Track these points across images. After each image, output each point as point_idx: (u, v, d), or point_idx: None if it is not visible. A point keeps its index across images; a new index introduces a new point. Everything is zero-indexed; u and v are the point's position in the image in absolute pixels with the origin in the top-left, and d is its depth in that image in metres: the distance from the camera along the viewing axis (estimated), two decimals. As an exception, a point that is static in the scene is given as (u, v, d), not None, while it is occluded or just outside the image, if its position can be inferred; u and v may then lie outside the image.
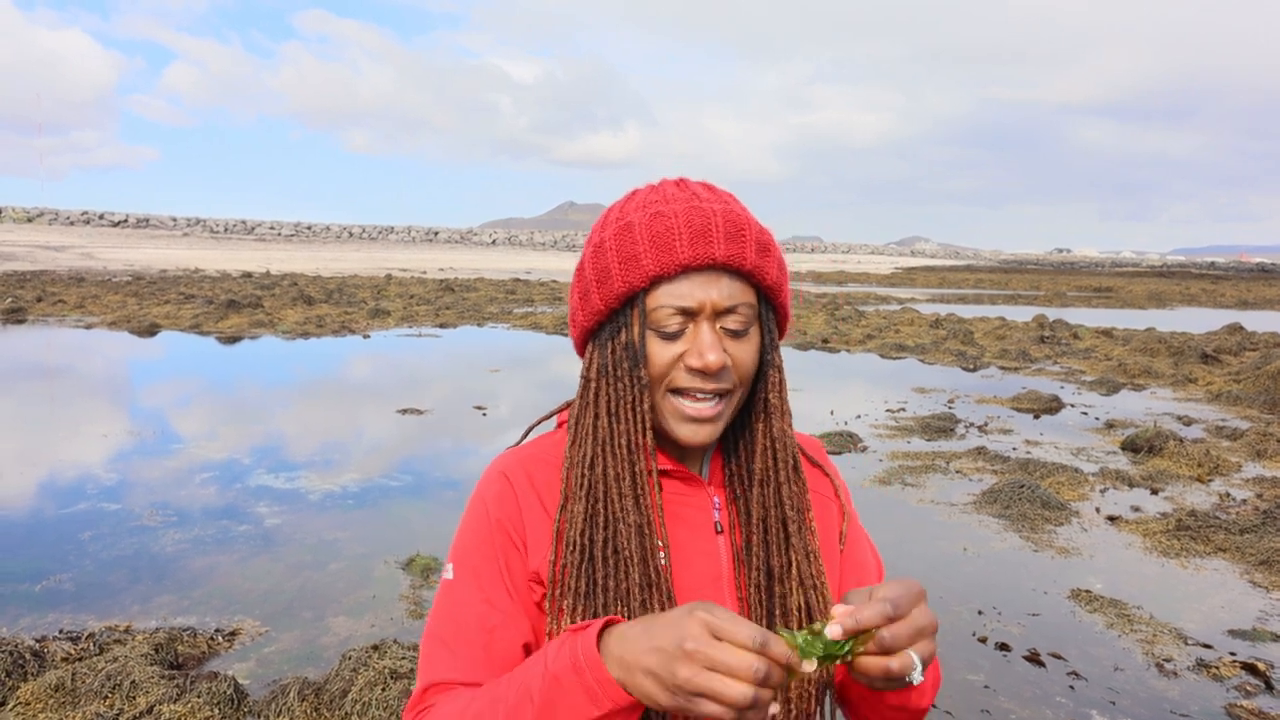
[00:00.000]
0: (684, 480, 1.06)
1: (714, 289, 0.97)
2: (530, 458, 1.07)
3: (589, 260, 1.02)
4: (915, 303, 28.67)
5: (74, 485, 6.09)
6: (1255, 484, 6.81)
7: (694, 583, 1.02)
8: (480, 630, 0.98)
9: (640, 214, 1.00)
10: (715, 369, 0.96)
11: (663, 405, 1.00)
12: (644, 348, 0.99)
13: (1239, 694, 3.62)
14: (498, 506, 1.03)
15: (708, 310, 0.97)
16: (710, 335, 0.96)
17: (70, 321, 16.28)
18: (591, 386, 1.02)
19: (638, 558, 0.97)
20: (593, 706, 0.80)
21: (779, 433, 1.05)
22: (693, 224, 0.96)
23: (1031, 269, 76.34)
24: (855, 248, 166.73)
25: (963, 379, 12.26)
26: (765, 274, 1.00)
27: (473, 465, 7.02)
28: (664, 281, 0.97)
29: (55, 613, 4.07)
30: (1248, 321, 20.53)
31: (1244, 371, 12.06)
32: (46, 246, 46.47)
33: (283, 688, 3.28)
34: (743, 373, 1.00)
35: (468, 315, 19.40)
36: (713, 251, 0.96)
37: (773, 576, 1.03)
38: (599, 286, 1.01)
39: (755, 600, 1.03)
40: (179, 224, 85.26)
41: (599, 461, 1.00)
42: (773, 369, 1.04)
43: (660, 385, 0.99)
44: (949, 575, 4.87)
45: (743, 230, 0.98)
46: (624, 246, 0.98)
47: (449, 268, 44.19)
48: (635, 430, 0.99)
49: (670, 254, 0.96)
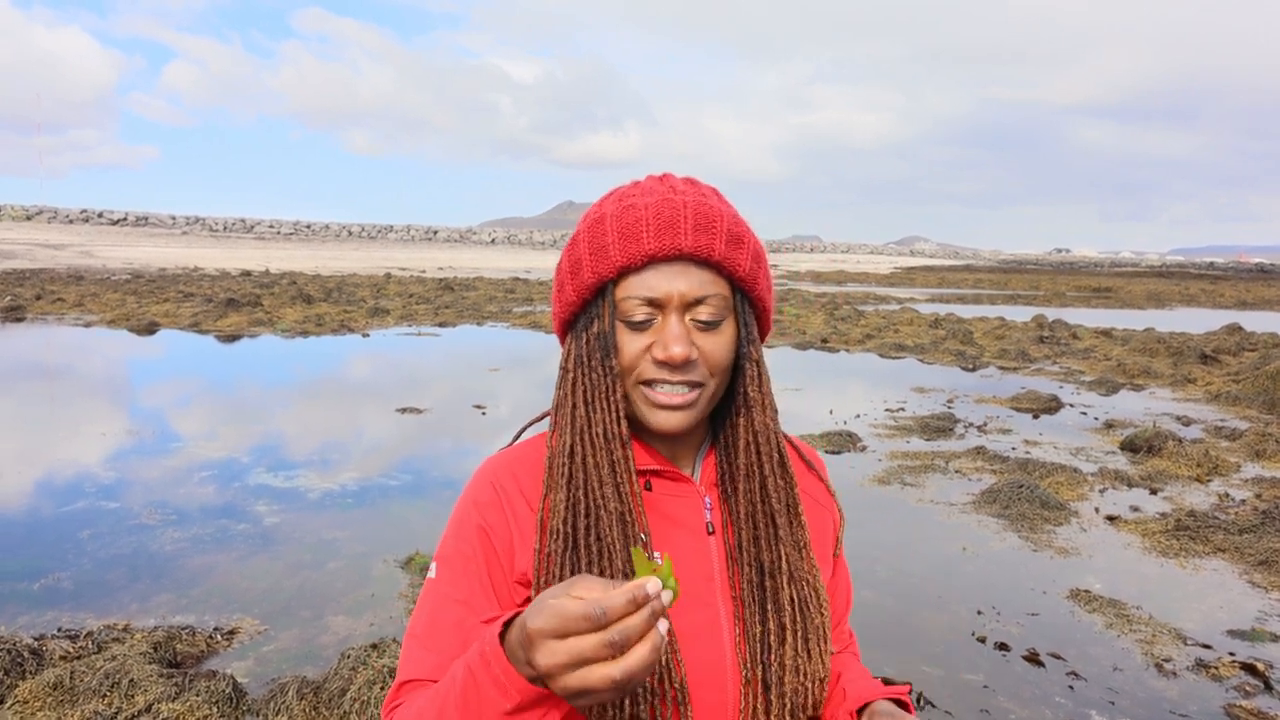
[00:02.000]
0: (674, 480, 1.05)
1: (681, 280, 0.96)
2: (517, 459, 1.07)
3: (565, 253, 1.04)
4: (914, 303, 28.68)
5: (73, 484, 6.08)
6: (1254, 484, 6.81)
7: (685, 582, 1.00)
8: (455, 629, 0.98)
9: (614, 207, 1.00)
10: (679, 360, 0.95)
11: (634, 396, 1.00)
12: (614, 338, 0.99)
13: (1238, 694, 3.62)
14: (482, 511, 1.03)
15: (675, 301, 0.97)
16: (677, 327, 0.96)
17: (69, 320, 16.27)
18: (569, 377, 1.03)
19: (620, 545, 0.96)
20: (503, 698, 0.79)
21: (761, 426, 1.04)
22: (661, 215, 0.96)
23: (1031, 269, 76.35)
24: (855, 247, 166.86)
25: (962, 379, 12.27)
26: (736, 265, 0.99)
27: (472, 464, 7.00)
28: (631, 272, 0.98)
29: (54, 611, 4.07)
30: (1247, 322, 20.53)
31: (1243, 372, 12.07)
32: (45, 244, 46.45)
33: (281, 686, 3.28)
34: (714, 365, 0.99)
35: (467, 314, 19.39)
36: (679, 242, 0.96)
37: (764, 571, 1.02)
38: (572, 278, 1.02)
39: (749, 597, 1.02)
40: (178, 222, 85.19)
41: (578, 450, 1.00)
42: (750, 362, 1.03)
43: (630, 376, 0.99)
44: (948, 575, 4.87)
45: (713, 221, 0.97)
46: (595, 238, 0.99)
47: (448, 267, 44.17)
48: (610, 419, 0.99)
49: (637, 244, 0.96)
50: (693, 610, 1.00)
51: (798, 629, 1.01)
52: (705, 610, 1.01)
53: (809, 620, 1.02)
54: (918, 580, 4.78)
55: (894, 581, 4.74)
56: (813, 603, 1.03)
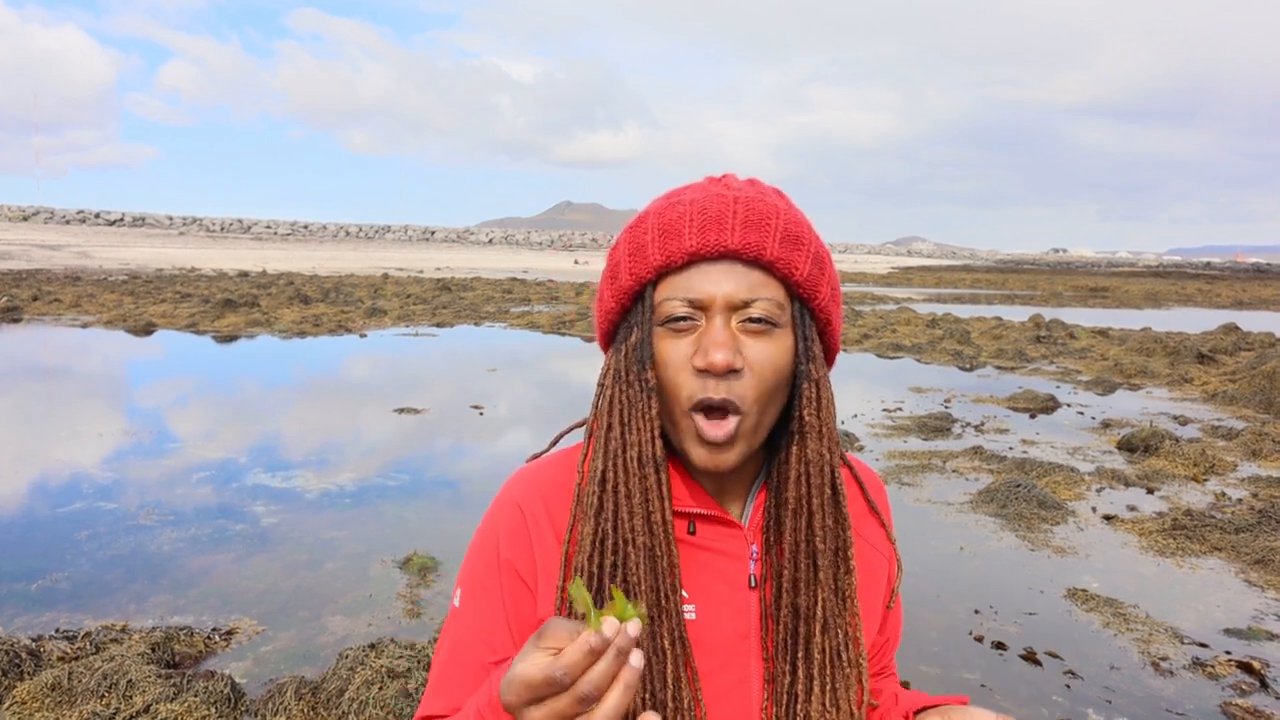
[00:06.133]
0: (720, 524, 0.95)
1: (728, 281, 0.86)
2: (548, 481, 0.98)
3: (608, 259, 0.95)
4: (912, 302, 28.70)
5: (70, 485, 6.08)
6: (1250, 483, 6.83)
7: (719, 641, 0.94)
8: (478, 670, 0.95)
9: (658, 205, 0.92)
10: (721, 368, 0.84)
11: (682, 424, 0.89)
12: (651, 347, 0.88)
13: (1234, 692, 3.63)
14: (509, 545, 0.95)
15: (719, 304, 0.86)
16: (722, 332, 0.85)
17: (66, 320, 16.24)
18: (606, 394, 0.93)
19: (647, 585, 0.88)
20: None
21: (814, 455, 0.92)
22: (707, 211, 0.87)
23: (1028, 269, 76.43)
24: (853, 247, 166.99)
25: (959, 378, 12.28)
26: (794, 268, 0.87)
27: (469, 464, 7.01)
28: (671, 273, 0.88)
29: (51, 612, 4.07)
30: (1243, 321, 20.58)
31: (1239, 371, 12.09)
32: (42, 245, 46.39)
33: (280, 687, 3.28)
34: (763, 377, 0.87)
35: (464, 314, 19.39)
36: (724, 239, 0.86)
37: (799, 616, 0.93)
38: (610, 283, 0.93)
39: (781, 650, 0.94)
40: (175, 223, 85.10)
41: (609, 477, 0.90)
42: (808, 382, 0.91)
43: (677, 399, 0.88)
44: (945, 574, 4.88)
45: (765, 218, 0.87)
46: (635, 239, 0.90)
47: (446, 267, 44.16)
48: (645, 440, 0.89)
49: (677, 241, 0.87)
50: (723, 670, 0.94)
51: (826, 681, 0.93)
52: (736, 670, 0.95)
53: (839, 671, 0.94)
54: (915, 580, 4.78)
55: (891, 581, 4.75)
56: (846, 654, 0.94)
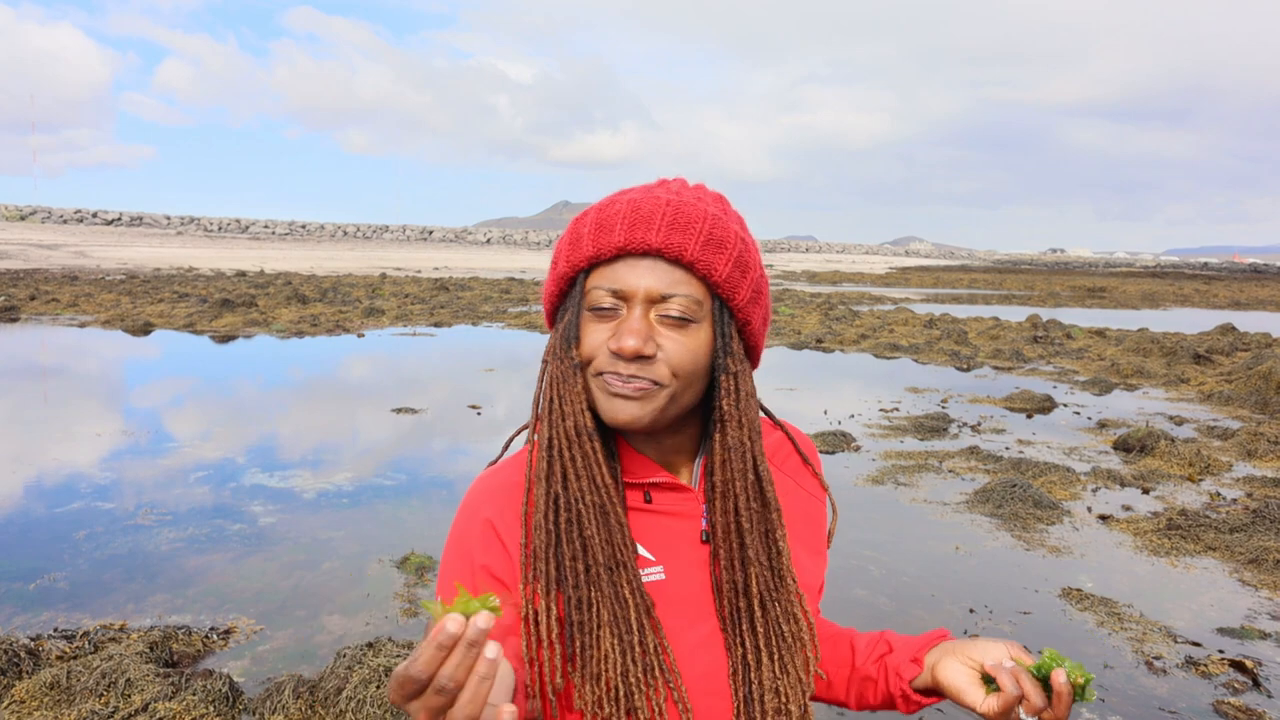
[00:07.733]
0: (673, 489, 1.05)
1: (649, 276, 0.96)
2: (507, 485, 1.04)
3: (555, 247, 1.06)
4: (909, 303, 28.73)
5: (68, 484, 6.09)
6: (1245, 483, 6.85)
7: (687, 595, 1.02)
8: None
9: (603, 201, 1.02)
10: (629, 353, 0.94)
11: (592, 385, 0.99)
12: (578, 329, 0.99)
13: (1227, 691, 3.65)
14: (482, 550, 1.00)
15: (640, 296, 0.96)
16: (638, 321, 0.95)
17: (64, 320, 16.23)
18: (546, 369, 1.03)
19: (601, 538, 0.96)
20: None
21: (735, 442, 1.01)
22: (638, 210, 0.97)
23: (1025, 269, 76.53)
24: (850, 248, 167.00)
25: (956, 379, 12.31)
26: (713, 269, 0.97)
27: (467, 465, 7.02)
28: (602, 264, 0.98)
29: (50, 611, 4.08)
30: (1240, 322, 20.63)
31: (1236, 372, 12.13)
32: (39, 245, 46.31)
33: (277, 685, 3.30)
34: (677, 365, 0.96)
35: (462, 314, 19.39)
36: (649, 237, 0.95)
37: (737, 591, 1.02)
38: (553, 269, 1.04)
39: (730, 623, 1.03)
40: (173, 222, 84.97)
41: (555, 443, 0.99)
42: (726, 374, 1.00)
43: (589, 368, 0.99)
44: (941, 574, 4.90)
45: (692, 221, 0.96)
46: (575, 231, 1.01)
47: (444, 267, 44.14)
48: (577, 411, 0.98)
49: (608, 236, 0.97)
50: (692, 628, 1.01)
51: (774, 651, 1.02)
52: (705, 626, 1.02)
53: (782, 643, 1.03)
54: (911, 579, 4.80)
55: (887, 580, 4.77)
56: (786, 627, 1.03)
